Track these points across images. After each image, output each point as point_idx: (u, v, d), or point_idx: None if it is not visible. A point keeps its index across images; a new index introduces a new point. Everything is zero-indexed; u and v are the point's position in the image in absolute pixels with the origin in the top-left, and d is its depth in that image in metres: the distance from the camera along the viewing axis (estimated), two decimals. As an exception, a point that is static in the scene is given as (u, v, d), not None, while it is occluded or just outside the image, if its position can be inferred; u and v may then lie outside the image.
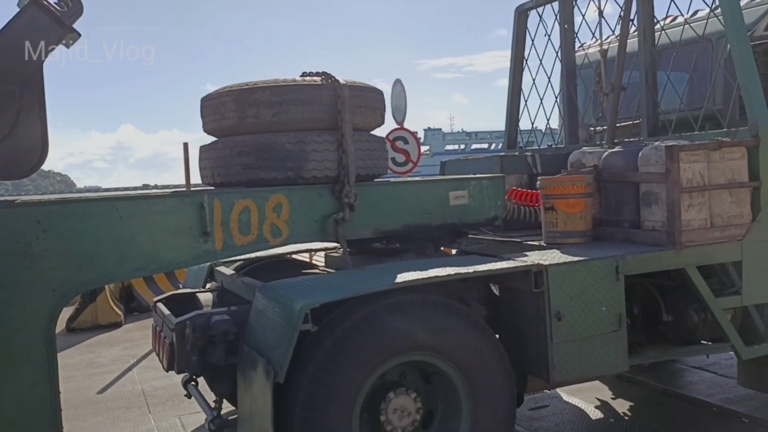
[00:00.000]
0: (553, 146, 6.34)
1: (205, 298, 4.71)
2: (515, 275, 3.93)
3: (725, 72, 4.81)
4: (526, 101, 6.32)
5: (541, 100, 6.16)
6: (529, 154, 5.71)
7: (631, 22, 5.26)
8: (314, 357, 3.44)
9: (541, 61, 6.09)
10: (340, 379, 3.43)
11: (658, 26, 5.22)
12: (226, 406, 4.28)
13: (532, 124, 6.30)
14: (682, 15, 5.33)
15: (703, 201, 4.35)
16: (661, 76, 5.20)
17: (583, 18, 5.79)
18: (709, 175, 4.35)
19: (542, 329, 3.87)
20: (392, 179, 4.67)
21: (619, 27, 5.36)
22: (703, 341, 4.78)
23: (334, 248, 5.18)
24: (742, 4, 4.87)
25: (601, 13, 5.47)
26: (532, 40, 6.22)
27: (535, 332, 3.93)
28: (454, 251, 4.92)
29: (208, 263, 5.04)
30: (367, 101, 4.24)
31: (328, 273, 4.70)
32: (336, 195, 4.07)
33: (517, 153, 6.07)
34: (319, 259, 5.50)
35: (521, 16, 6.27)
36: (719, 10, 4.78)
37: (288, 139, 4.04)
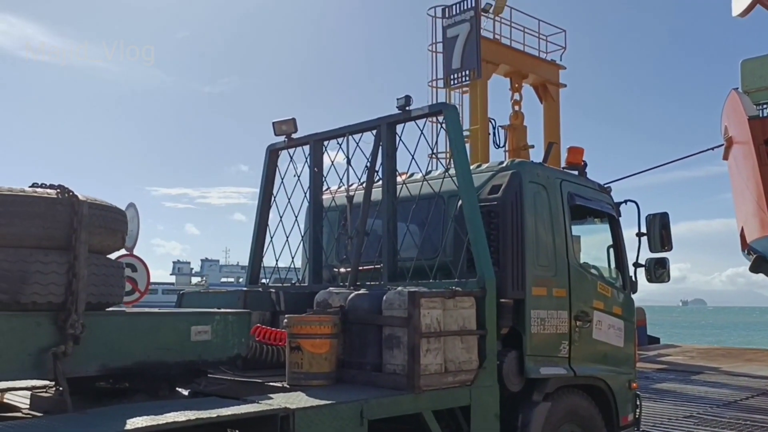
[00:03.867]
0: (297, 284, 6.33)
1: None
2: (259, 420, 3.67)
3: (456, 227, 5.28)
4: (272, 238, 6.31)
5: (287, 237, 6.19)
6: (273, 290, 5.61)
7: (376, 173, 5.61)
8: None
9: (289, 200, 6.18)
10: None
11: (399, 179, 5.62)
12: None
13: (276, 260, 6.27)
14: (421, 172, 5.82)
15: (439, 346, 4.56)
16: (401, 226, 5.55)
17: (332, 164, 6.07)
18: (445, 321, 4.61)
19: (284, 479, 3.61)
20: (127, 310, 4.22)
21: (365, 176, 5.68)
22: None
23: (43, 387, 4.44)
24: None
25: (349, 162, 5.77)
26: (282, 179, 6.33)
27: (276, 482, 3.65)
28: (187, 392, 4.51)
29: None
30: (107, 222, 3.86)
31: (36, 418, 3.96)
32: (59, 325, 3.53)
33: (260, 288, 5.94)
34: (20, 400, 4.65)
35: (272, 154, 6.39)
36: (452, 171, 5.33)
37: (5, 256, 3.46)
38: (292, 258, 6.24)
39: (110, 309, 3.98)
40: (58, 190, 3.69)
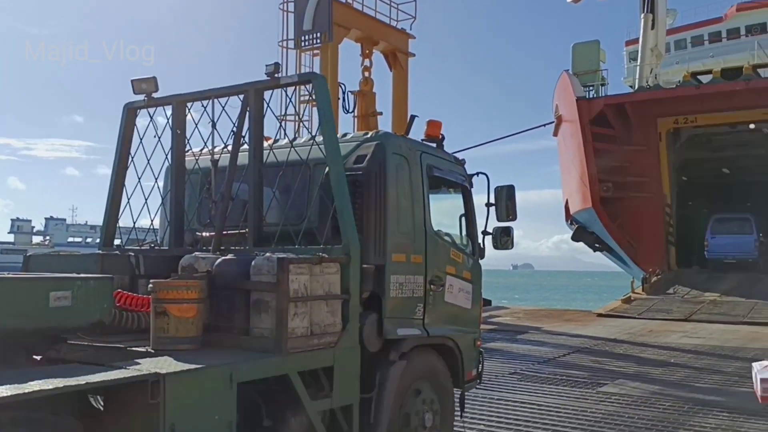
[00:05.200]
0: (156, 247, 6.16)
1: None
2: (128, 386, 3.63)
3: (322, 194, 5.40)
4: (129, 199, 6.07)
5: (146, 199, 5.98)
6: (132, 254, 5.44)
7: (242, 138, 5.57)
8: None
9: (148, 161, 5.96)
10: None
11: (266, 145, 5.62)
12: None
13: (134, 222, 6.04)
14: (288, 138, 5.86)
15: (306, 310, 4.71)
16: (266, 191, 5.57)
17: (196, 126, 5.92)
18: (311, 286, 4.76)
19: (155, 444, 3.61)
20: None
21: (231, 140, 5.62)
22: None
23: None
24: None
25: (214, 125, 5.66)
26: (141, 139, 6.08)
27: (146, 449, 3.64)
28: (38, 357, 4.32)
29: None
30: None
31: None
32: None
33: (118, 252, 5.73)
34: None
35: (130, 113, 6.11)
36: (320, 138, 5.42)
37: None
38: (152, 220, 6.06)
39: (-40, 273, 3.72)
40: None
